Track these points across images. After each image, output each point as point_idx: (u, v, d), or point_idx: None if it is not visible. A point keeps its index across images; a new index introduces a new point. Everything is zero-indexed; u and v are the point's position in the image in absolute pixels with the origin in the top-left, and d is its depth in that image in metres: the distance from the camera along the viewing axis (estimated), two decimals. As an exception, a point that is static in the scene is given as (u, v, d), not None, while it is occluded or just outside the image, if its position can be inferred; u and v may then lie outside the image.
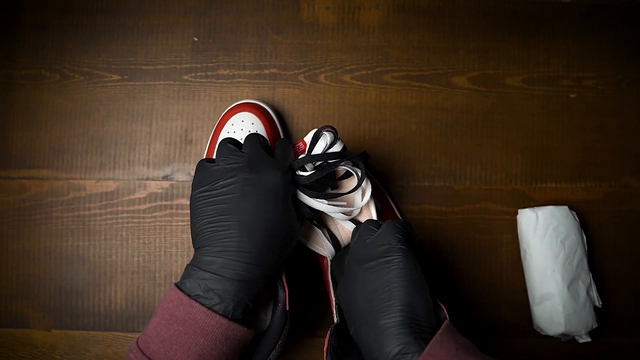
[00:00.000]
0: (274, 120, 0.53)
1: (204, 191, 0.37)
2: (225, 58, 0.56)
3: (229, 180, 0.37)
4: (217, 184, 0.37)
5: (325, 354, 0.38)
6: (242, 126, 0.50)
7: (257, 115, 0.51)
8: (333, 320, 0.43)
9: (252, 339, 0.37)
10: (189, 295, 0.34)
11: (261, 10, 0.56)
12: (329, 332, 0.39)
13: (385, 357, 0.32)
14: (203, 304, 0.34)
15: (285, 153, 0.41)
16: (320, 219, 0.45)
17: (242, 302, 0.35)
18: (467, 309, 0.54)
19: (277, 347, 0.39)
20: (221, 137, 0.51)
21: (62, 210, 0.54)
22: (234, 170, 0.37)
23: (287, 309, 0.40)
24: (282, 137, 0.54)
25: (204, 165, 0.39)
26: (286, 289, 0.40)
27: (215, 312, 0.34)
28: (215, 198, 0.37)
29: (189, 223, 0.53)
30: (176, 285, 0.35)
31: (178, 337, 0.33)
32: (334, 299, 0.44)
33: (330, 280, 0.45)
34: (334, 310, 0.43)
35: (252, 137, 0.40)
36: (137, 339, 0.35)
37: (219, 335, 0.34)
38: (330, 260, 0.45)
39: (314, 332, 0.53)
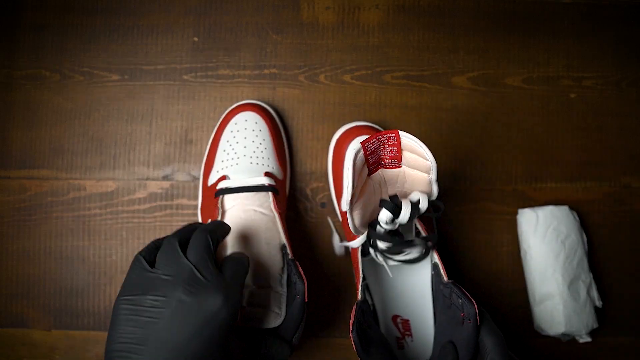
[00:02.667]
0: (276, 121, 0.53)
1: (129, 301, 0.30)
2: (225, 58, 0.56)
3: (160, 298, 0.29)
4: (146, 298, 0.30)
5: (350, 328, 0.38)
6: (246, 125, 0.50)
7: (261, 115, 0.51)
8: (357, 297, 0.43)
9: None
10: None
11: (261, 10, 0.56)
12: (354, 307, 0.40)
13: None
14: None
15: (236, 272, 0.33)
16: None
17: None
18: (467, 309, 0.54)
19: (294, 339, 0.39)
20: (224, 137, 0.51)
21: (62, 210, 0.54)
22: (169, 285, 0.30)
23: (306, 300, 0.40)
24: (284, 138, 0.54)
25: (140, 266, 0.32)
26: (305, 281, 0.40)
27: None
28: (138, 317, 0.30)
29: (189, 223, 0.54)
30: None
31: None
32: (361, 277, 0.44)
33: (360, 258, 0.45)
34: (360, 287, 0.44)
35: (200, 238, 0.33)
36: None
37: None
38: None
39: (325, 332, 0.53)
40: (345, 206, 0.38)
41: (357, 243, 0.44)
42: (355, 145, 0.37)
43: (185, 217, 0.54)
